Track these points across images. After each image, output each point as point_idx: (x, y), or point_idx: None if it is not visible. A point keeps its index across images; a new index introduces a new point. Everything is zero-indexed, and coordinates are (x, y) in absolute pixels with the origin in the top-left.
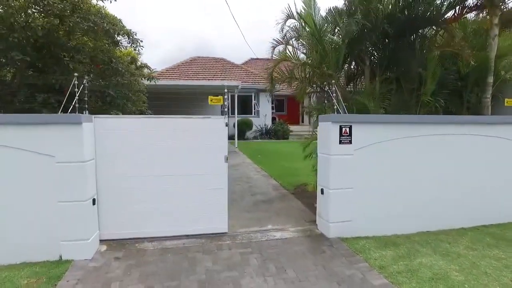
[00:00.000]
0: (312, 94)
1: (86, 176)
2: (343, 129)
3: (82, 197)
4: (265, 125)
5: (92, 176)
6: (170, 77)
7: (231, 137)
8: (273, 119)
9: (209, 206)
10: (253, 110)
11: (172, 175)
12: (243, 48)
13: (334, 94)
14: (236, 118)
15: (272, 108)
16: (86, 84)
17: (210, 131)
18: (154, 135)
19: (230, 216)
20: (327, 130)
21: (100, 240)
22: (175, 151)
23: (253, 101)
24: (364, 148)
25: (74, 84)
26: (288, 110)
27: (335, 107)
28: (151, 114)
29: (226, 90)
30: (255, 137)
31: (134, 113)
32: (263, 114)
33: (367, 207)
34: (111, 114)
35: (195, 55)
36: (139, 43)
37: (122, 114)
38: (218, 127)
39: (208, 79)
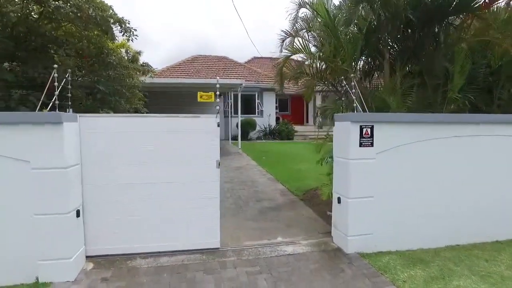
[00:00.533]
0: (324, 91)
1: (68, 184)
2: (364, 129)
3: (64, 208)
4: (269, 125)
5: (76, 184)
6: (171, 76)
7: (234, 138)
8: (277, 119)
9: (198, 218)
10: (256, 110)
11: (155, 183)
12: (245, 48)
13: (354, 90)
14: (240, 118)
15: (276, 107)
16: (69, 78)
17: (200, 132)
18: (136, 137)
19: (235, 226)
20: (346, 131)
21: (87, 257)
22: (159, 156)
23: (257, 101)
24: (387, 151)
25: (53, 78)
26: (292, 109)
27: (355, 105)
28: (147, 113)
29: (218, 85)
30: (258, 138)
31: (128, 112)
32: (267, 114)
33: (390, 218)
34: (101, 112)
35: (196, 53)
36: (133, 32)
37: (114, 112)
38: (209, 128)
39: (210, 78)
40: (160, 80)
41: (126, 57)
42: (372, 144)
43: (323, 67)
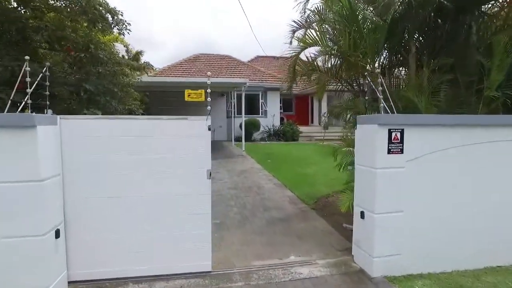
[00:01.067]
0: (338, 91)
1: (44, 199)
2: (393, 134)
3: (38, 229)
4: (273, 125)
5: (56, 199)
6: (172, 75)
7: (237, 139)
8: (281, 119)
9: (185, 237)
10: (260, 110)
11: (142, 197)
12: (247, 48)
13: (381, 88)
14: (243, 118)
15: (280, 107)
16: (47, 73)
17: (187, 137)
18: (116, 142)
19: (240, 241)
20: (371, 136)
21: (70, 282)
22: (141, 164)
23: (261, 100)
24: (418, 159)
25: (25, 72)
26: (296, 110)
27: (382, 105)
28: (142, 114)
29: (208, 82)
30: (262, 139)
31: (121, 113)
32: (271, 114)
33: (421, 235)
34: (86, 114)
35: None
36: (126, 25)
37: (103, 114)
38: (198, 132)
39: (213, 77)
40: (160, 79)
41: (121, 54)
42: (402, 151)
43: (338, 62)
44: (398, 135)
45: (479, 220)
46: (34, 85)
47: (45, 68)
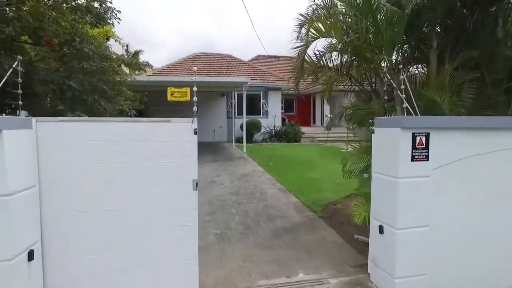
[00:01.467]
0: (347, 91)
1: (12, 217)
2: (418, 138)
3: (5, 253)
4: (274, 126)
5: (29, 215)
6: (171, 74)
7: (238, 140)
8: (282, 119)
9: (169, 256)
10: (261, 110)
11: (113, 210)
12: (248, 49)
13: (403, 86)
14: (245, 119)
15: (281, 108)
16: (19, 68)
17: (170, 142)
18: (90, 148)
19: (243, 256)
20: (392, 140)
21: None
22: (118, 173)
23: (262, 100)
24: (445, 166)
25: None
26: (297, 110)
27: (405, 105)
28: (135, 116)
29: (194, 79)
30: (263, 140)
31: (112, 114)
32: (272, 115)
33: (449, 253)
34: (70, 116)
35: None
36: (115, 14)
37: (92, 115)
38: (182, 137)
39: (213, 76)
40: (156, 78)
41: (120, 53)
42: (427, 158)
43: (349, 59)
44: (423, 139)
45: None
46: (2, 82)
47: (16, 62)
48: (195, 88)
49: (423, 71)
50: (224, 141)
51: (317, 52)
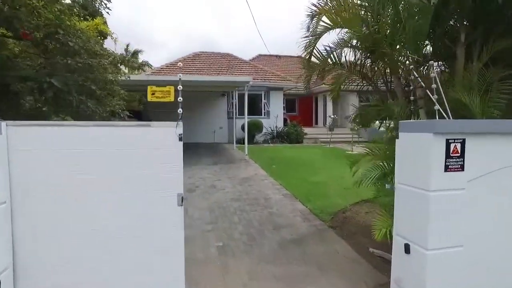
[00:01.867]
0: (359, 91)
1: None
2: (452, 145)
3: None
4: (276, 127)
5: None
6: (170, 73)
7: (239, 141)
8: (284, 120)
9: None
10: (263, 111)
11: (87, 230)
12: (248, 50)
13: (434, 85)
14: (246, 120)
15: (283, 108)
16: None
17: (150, 150)
18: (61, 157)
19: (248, 273)
20: (424, 147)
21: None
22: (90, 187)
23: (263, 101)
24: (483, 177)
25: None
26: (299, 110)
27: (437, 108)
28: (130, 117)
29: (180, 75)
30: (265, 141)
31: (101, 116)
32: (274, 115)
33: (487, 276)
34: (54, 119)
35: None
36: (104, 4)
37: (78, 117)
38: (164, 144)
39: (214, 75)
40: (157, 77)
41: (119, 52)
42: (462, 167)
43: (360, 56)
44: (458, 146)
45: None
46: None
47: None
48: (180, 87)
49: (443, 68)
50: (224, 142)
51: (328, 48)
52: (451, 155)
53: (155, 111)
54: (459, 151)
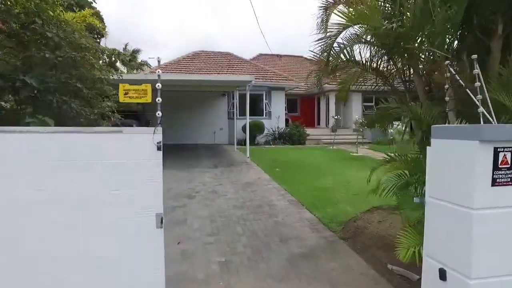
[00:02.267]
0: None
1: None
2: (501, 155)
3: None
4: (277, 127)
5: None
6: (169, 72)
7: (240, 142)
8: (286, 121)
9: None
10: (264, 111)
11: (49, 256)
12: (249, 50)
13: (478, 84)
14: (248, 120)
15: (285, 108)
16: None
17: (123, 162)
18: (20, 169)
19: None
20: (464, 157)
21: None
22: (54, 205)
23: (265, 101)
24: None
25: None
26: (301, 111)
27: (480, 110)
28: (120, 119)
29: (159, 72)
30: (267, 142)
31: (88, 119)
32: (276, 116)
33: None
34: (32, 121)
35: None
36: None
37: (61, 120)
38: (139, 154)
39: (215, 74)
40: (154, 77)
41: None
42: None
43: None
44: (509, 156)
45: None
46: None
47: None
48: (158, 85)
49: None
50: (225, 143)
51: (341, 45)
52: (500, 166)
53: (150, 113)
54: (510, 162)
